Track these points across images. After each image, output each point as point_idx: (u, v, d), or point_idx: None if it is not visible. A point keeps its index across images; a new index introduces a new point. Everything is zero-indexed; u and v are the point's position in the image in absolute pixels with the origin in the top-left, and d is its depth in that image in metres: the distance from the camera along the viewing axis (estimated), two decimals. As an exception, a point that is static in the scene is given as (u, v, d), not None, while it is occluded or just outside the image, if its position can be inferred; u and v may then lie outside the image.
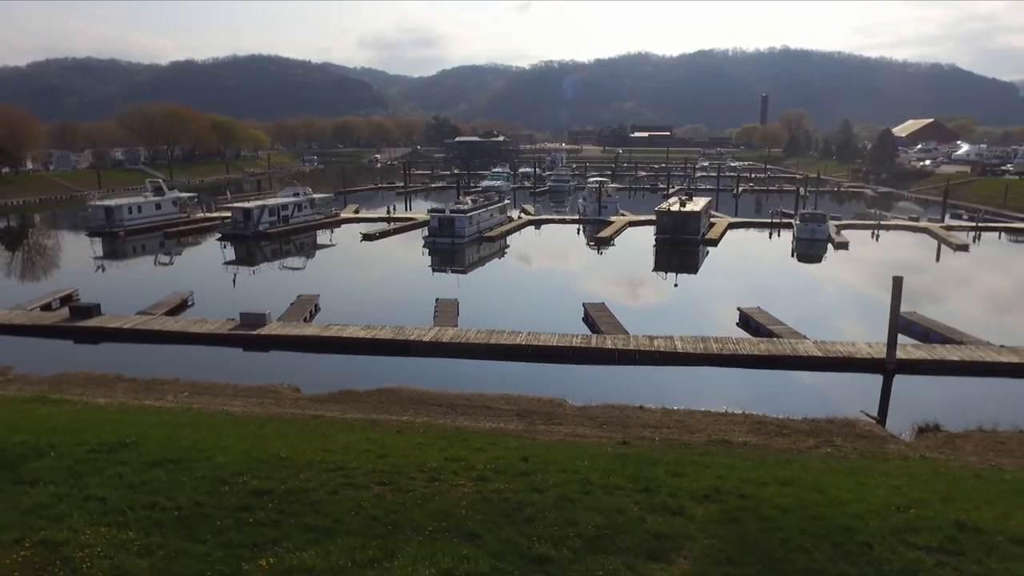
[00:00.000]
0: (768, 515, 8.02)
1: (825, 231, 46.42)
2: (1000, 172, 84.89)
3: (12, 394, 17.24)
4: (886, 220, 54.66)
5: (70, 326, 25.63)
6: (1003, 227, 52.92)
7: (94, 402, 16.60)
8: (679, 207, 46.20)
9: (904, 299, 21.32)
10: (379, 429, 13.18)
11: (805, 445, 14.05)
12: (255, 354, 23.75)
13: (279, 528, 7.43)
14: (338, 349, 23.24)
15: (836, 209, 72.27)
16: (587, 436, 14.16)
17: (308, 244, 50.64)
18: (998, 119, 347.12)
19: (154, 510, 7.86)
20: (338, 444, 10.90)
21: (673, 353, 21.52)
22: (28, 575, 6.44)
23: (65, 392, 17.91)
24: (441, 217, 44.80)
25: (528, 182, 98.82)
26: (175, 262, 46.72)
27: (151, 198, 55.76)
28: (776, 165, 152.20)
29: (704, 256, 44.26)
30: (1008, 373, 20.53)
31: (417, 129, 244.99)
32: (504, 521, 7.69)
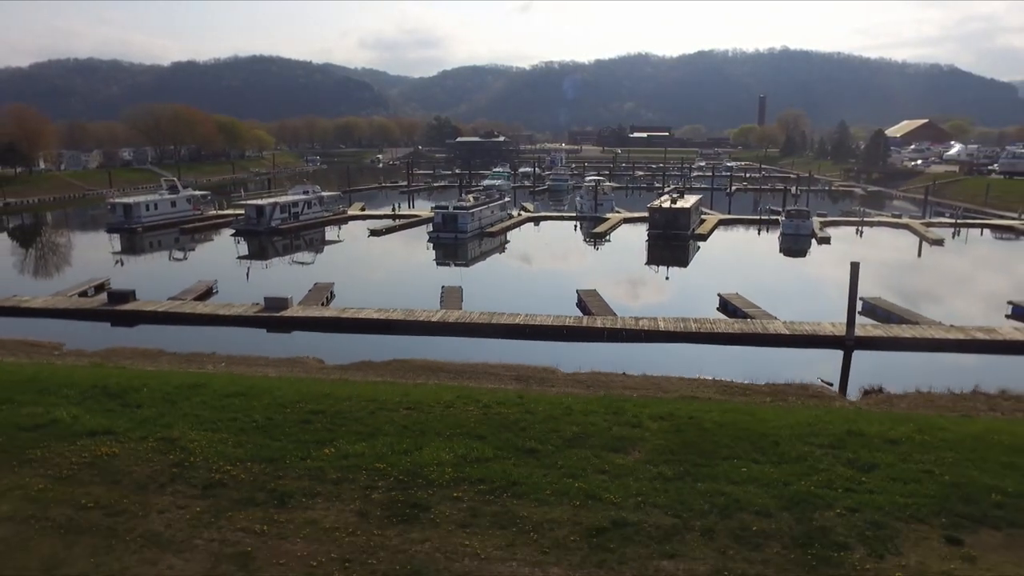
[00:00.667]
0: (707, 427, 10.45)
1: (809, 227, 48.86)
2: (987, 171, 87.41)
3: (73, 362, 19.72)
4: (870, 217, 57.16)
5: (108, 310, 28.09)
6: (982, 224, 55.43)
7: (146, 369, 19.08)
8: (670, 204, 48.67)
9: (876, 287, 23.72)
10: (399, 384, 15.68)
11: (762, 401, 16.51)
12: (279, 334, 26.21)
13: (333, 433, 9.84)
14: (354, 329, 25.71)
15: (826, 207, 74.81)
16: (574, 394, 16.62)
17: (317, 239, 53.11)
18: (997, 119, 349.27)
19: (236, 422, 10.28)
20: (368, 389, 13.35)
21: (656, 331, 24.00)
22: (159, 456, 8.85)
23: (117, 363, 20.38)
24: (445, 213, 47.30)
25: (528, 181, 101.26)
26: (192, 256, 49.18)
27: (167, 196, 58.23)
28: (772, 165, 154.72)
29: (695, 250, 46.73)
30: (953, 349, 22.99)
31: (418, 129, 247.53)
32: (503, 429, 10.12)
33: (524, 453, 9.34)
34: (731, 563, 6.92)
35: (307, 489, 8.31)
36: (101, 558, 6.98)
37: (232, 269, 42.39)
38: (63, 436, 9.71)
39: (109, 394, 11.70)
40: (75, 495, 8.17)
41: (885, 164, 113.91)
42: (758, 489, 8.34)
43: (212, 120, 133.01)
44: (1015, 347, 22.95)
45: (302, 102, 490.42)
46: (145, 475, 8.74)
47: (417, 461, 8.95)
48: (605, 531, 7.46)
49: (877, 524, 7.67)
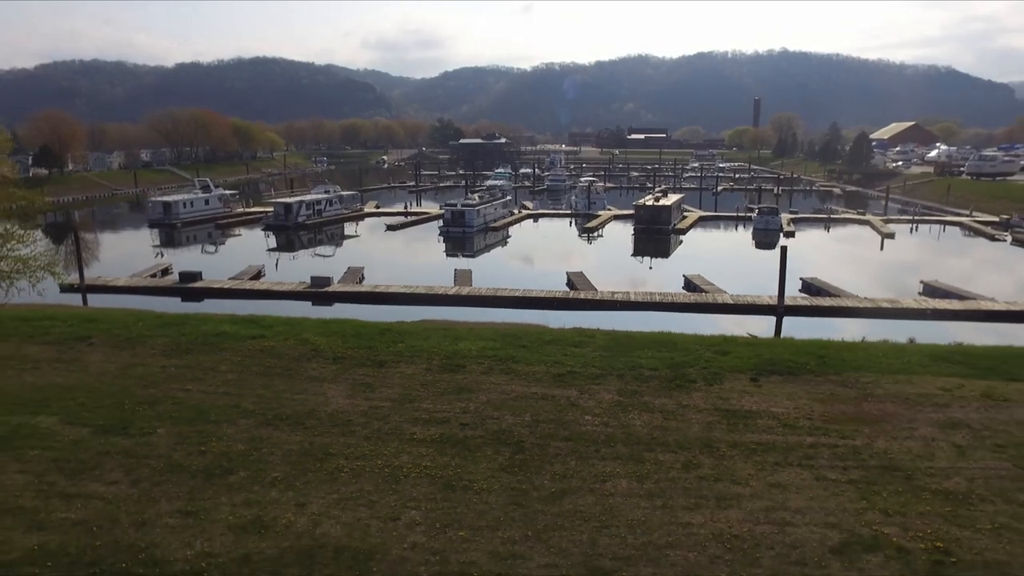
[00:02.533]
0: (636, 338, 16.43)
1: (777, 222, 54.84)
2: (958, 173, 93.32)
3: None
4: (836, 214, 63.21)
5: (181, 287, 34.13)
6: (936, 220, 61.48)
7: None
8: (654, 202, 54.73)
9: (818, 269, 29.57)
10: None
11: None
12: (323, 306, 32.24)
13: (403, 337, 15.83)
14: (385, 301, 31.72)
15: (807, 204, 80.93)
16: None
17: (338, 234, 59.19)
18: (994, 120, 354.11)
19: (338, 334, 16.26)
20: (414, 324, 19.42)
21: (627, 302, 30.05)
22: (300, 347, 14.86)
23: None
24: (453, 211, 53.40)
25: (528, 181, 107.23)
26: (228, 248, 55.26)
27: (201, 195, 64.35)
28: (763, 166, 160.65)
29: (676, 243, 52.77)
30: (863, 315, 29.01)
31: (422, 131, 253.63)
32: (507, 337, 16.14)
33: (518, 347, 15.33)
34: (629, 387, 12.91)
35: (394, 360, 14.26)
36: (289, 384, 12.99)
37: (268, 258, 48.51)
38: (237, 338, 15.73)
39: (248, 321, 17.70)
40: (260, 362, 14.17)
41: (868, 165, 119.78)
42: (655, 361, 14.29)
43: (227, 123, 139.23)
44: (910, 313, 28.97)
45: (305, 103, 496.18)
46: (296, 355, 14.68)
47: (455, 350, 14.93)
48: (563, 375, 13.42)
49: (716, 374, 13.61)
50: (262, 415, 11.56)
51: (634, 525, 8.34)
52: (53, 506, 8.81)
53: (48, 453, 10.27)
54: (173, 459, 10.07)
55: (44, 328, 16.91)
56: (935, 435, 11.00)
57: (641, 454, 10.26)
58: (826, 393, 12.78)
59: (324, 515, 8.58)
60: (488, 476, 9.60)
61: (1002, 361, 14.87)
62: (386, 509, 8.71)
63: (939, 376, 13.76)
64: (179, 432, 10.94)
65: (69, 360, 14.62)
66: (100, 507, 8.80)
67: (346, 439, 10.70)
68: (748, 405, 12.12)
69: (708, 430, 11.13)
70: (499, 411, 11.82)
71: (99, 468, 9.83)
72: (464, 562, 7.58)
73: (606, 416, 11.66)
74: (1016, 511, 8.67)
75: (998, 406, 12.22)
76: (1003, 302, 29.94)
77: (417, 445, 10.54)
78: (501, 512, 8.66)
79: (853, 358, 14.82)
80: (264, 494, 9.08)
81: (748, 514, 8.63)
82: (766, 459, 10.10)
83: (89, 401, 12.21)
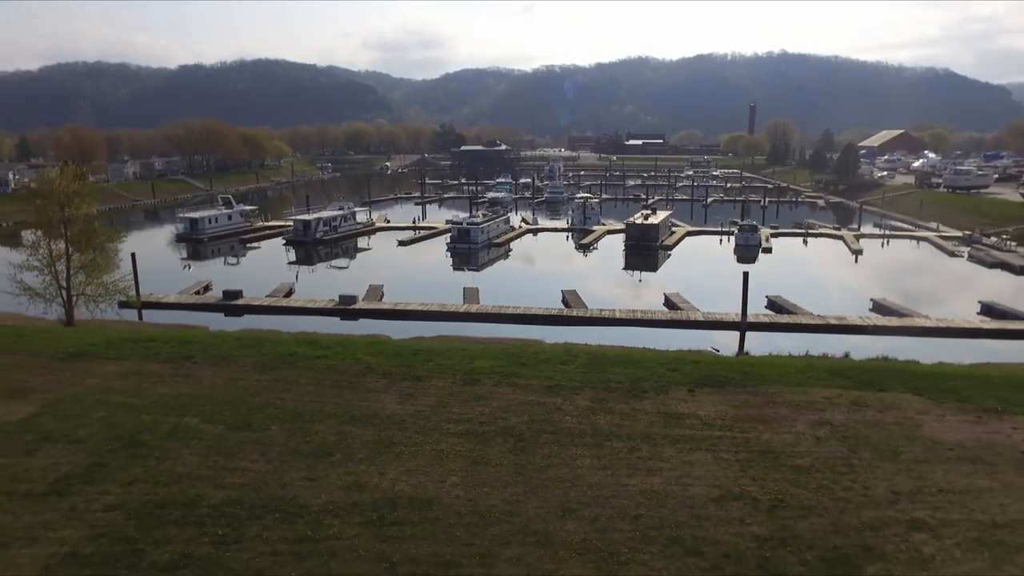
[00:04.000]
0: (609, 356, 21.44)
1: (757, 239, 59.88)
2: (936, 185, 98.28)
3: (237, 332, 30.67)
4: (814, 228, 68.27)
5: (224, 304, 39.11)
6: (905, 235, 66.52)
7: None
8: (643, 220, 59.78)
9: (787, 285, 34.56)
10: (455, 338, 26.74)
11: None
12: (349, 321, 37.22)
13: (431, 356, 20.82)
14: (405, 318, 36.70)
15: (794, 216, 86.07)
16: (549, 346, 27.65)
17: (352, 248, 64.28)
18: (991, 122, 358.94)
19: (382, 354, 21.32)
20: (438, 342, 24.41)
21: (613, 319, 35.06)
22: (355, 365, 19.93)
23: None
24: (460, 229, 58.48)
25: (528, 192, 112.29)
26: (254, 262, 60.28)
27: (224, 211, 69.41)
28: (756, 174, 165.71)
29: (663, 258, 57.84)
30: (814, 330, 33.99)
31: (424, 137, 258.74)
32: (510, 356, 21.15)
33: (519, 365, 20.29)
34: (599, 396, 17.89)
35: (428, 375, 19.23)
36: (355, 394, 17.98)
37: (289, 271, 53.54)
38: (306, 358, 20.74)
39: (310, 342, 22.71)
40: (329, 378, 19.14)
41: (854, 176, 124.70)
42: (621, 376, 19.24)
43: (237, 132, 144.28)
44: (854, 329, 33.96)
45: (308, 105, 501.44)
46: (354, 371, 19.63)
47: (472, 367, 19.88)
48: (552, 387, 18.37)
49: (663, 387, 18.55)
50: (341, 417, 16.51)
51: (592, 486, 13.30)
52: (222, 475, 13.74)
53: (204, 443, 15.17)
54: (289, 446, 14.99)
55: (153, 349, 21.87)
56: (805, 431, 15.90)
57: (601, 442, 15.18)
58: (740, 401, 17.69)
59: (397, 479, 13.54)
60: (499, 456, 14.56)
61: (880, 376, 19.78)
62: (436, 476, 13.68)
63: (828, 387, 18.69)
64: (287, 428, 15.88)
65: (185, 375, 19.57)
66: (252, 476, 13.74)
67: (403, 433, 15.65)
68: (682, 409, 17.05)
69: (650, 427, 16.05)
70: (506, 414, 16.77)
71: (241, 452, 14.75)
72: (487, 505, 12.55)
73: (580, 417, 16.59)
74: (835, 477, 13.61)
75: (859, 410, 17.12)
76: (935, 319, 34.95)
77: (451, 437, 15.49)
78: (508, 478, 13.63)
79: (769, 373, 19.79)
80: (356, 468, 14.03)
81: (665, 479, 13.57)
82: (685, 446, 15.01)
83: (215, 406, 17.15)
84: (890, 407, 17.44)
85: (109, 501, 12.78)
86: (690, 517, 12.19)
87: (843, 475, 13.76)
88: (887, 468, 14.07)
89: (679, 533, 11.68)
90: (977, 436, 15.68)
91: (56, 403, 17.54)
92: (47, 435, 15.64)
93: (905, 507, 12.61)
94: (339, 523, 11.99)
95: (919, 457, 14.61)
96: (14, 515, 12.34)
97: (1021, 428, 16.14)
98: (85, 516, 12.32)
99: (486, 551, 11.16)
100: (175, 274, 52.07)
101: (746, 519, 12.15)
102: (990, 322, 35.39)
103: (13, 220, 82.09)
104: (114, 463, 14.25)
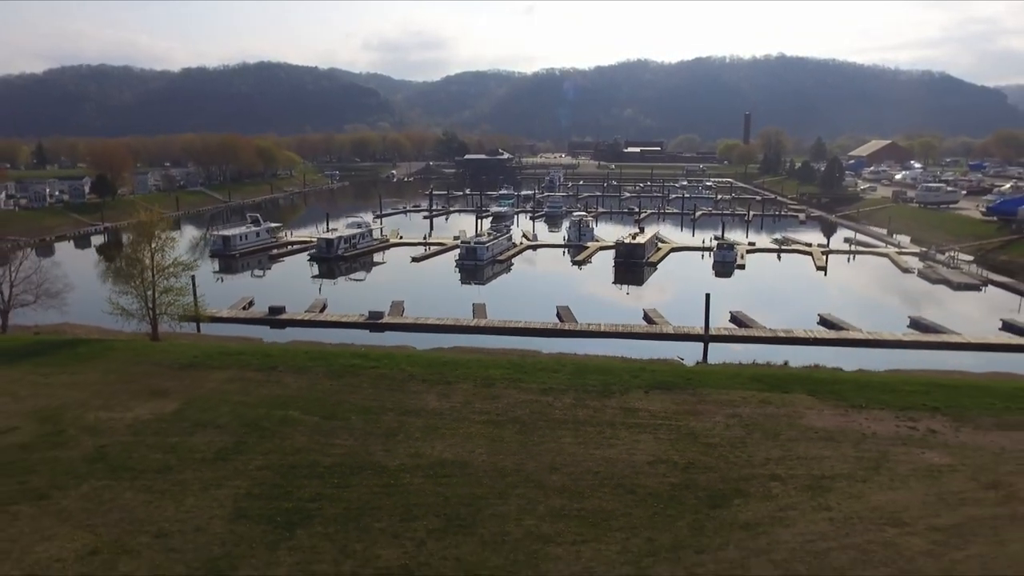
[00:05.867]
0: (589, 365, 28.46)
1: (733, 256, 66.94)
2: (910, 200, 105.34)
3: (305, 347, 37.73)
4: (787, 245, 75.36)
5: (269, 319, 46.09)
6: (868, 251, 73.60)
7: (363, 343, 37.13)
8: (631, 239, 66.89)
9: (748, 302, 41.70)
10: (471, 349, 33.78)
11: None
12: (377, 333, 44.27)
13: (457, 366, 27.80)
14: (425, 330, 43.74)
15: (770, 228, 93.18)
16: (544, 359, 34.72)
17: (369, 263, 71.36)
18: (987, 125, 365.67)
19: (423, 363, 28.34)
20: (462, 352, 31.43)
21: (599, 332, 42.11)
22: (400, 372, 26.90)
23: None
24: (467, 247, 65.60)
25: (530, 204, 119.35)
26: (283, 275, 67.29)
27: (252, 228, 76.51)
28: (748, 184, 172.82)
29: (649, 273, 64.91)
30: (766, 342, 41.01)
31: (428, 144, 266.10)
32: (513, 366, 28.18)
33: (522, 372, 27.30)
34: (579, 396, 24.92)
35: (456, 381, 26.26)
36: (404, 396, 25.02)
37: (312, 284, 60.62)
38: (363, 368, 27.83)
39: (362, 355, 29.74)
40: (383, 383, 26.19)
41: (839, 187, 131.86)
42: (596, 381, 26.20)
43: (252, 145, 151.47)
44: (799, 341, 40.98)
45: (310, 108, 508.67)
46: (401, 378, 26.61)
47: (488, 375, 26.93)
48: (546, 389, 25.34)
49: (627, 389, 25.52)
50: (397, 411, 23.54)
51: (570, 455, 20.31)
52: (326, 448, 20.75)
53: (307, 428, 22.14)
54: (366, 430, 22.01)
55: (244, 360, 28.91)
56: (720, 420, 22.84)
57: (578, 428, 22.18)
58: (680, 399, 24.66)
59: (443, 450, 20.56)
60: (509, 436, 21.60)
61: (787, 381, 26.76)
62: (467, 448, 20.72)
63: (746, 390, 25.65)
64: (363, 419, 22.90)
65: (275, 381, 26.59)
66: (346, 448, 20.74)
67: (442, 421, 22.67)
68: (637, 406, 24.02)
69: (613, 417, 23.03)
70: (513, 408, 23.79)
71: (335, 434, 21.74)
72: (502, 465, 19.59)
73: (565, 410, 23.60)
74: (730, 450, 20.56)
75: (763, 406, 24.08)
76: (867, 332, 41.99)
77: (476, 424, 22.52)
78: (515, 448, 20.67)
79: (706, 379, 26.79)
80: (414, 443, 21.06)
81: (619, 451, 20.57)
82: (635, 430, 21.98)
83: (306, 404, 24.16)
84: (786, 404, 24.53)
85: (258, 463, 19.89)
86: (631, 472, 19.29)
87: (736, 448, 20.84)
88: (767, 444, 21.17)
89: (623, 481, 18.77)
90: (838, 424, 22.77)
91: (192, 401, 24.66)
92: (196, 423, 22.74)
93: (771, 468, 19.68)
94: (408, 476, 19.09)
95: (792, 437, 21.70)
96: (201, 472, 19.44)
97: (872, 419, 23.21)
98: (245, 473, 19.40)
99: (502, 491, 18.24)
100: (209, 287, 58.93)
101: (667, 474, 19.24)
102: (914, 335, 42.43)
103: (55, 234, 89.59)
104: (250, 441, 21.35)
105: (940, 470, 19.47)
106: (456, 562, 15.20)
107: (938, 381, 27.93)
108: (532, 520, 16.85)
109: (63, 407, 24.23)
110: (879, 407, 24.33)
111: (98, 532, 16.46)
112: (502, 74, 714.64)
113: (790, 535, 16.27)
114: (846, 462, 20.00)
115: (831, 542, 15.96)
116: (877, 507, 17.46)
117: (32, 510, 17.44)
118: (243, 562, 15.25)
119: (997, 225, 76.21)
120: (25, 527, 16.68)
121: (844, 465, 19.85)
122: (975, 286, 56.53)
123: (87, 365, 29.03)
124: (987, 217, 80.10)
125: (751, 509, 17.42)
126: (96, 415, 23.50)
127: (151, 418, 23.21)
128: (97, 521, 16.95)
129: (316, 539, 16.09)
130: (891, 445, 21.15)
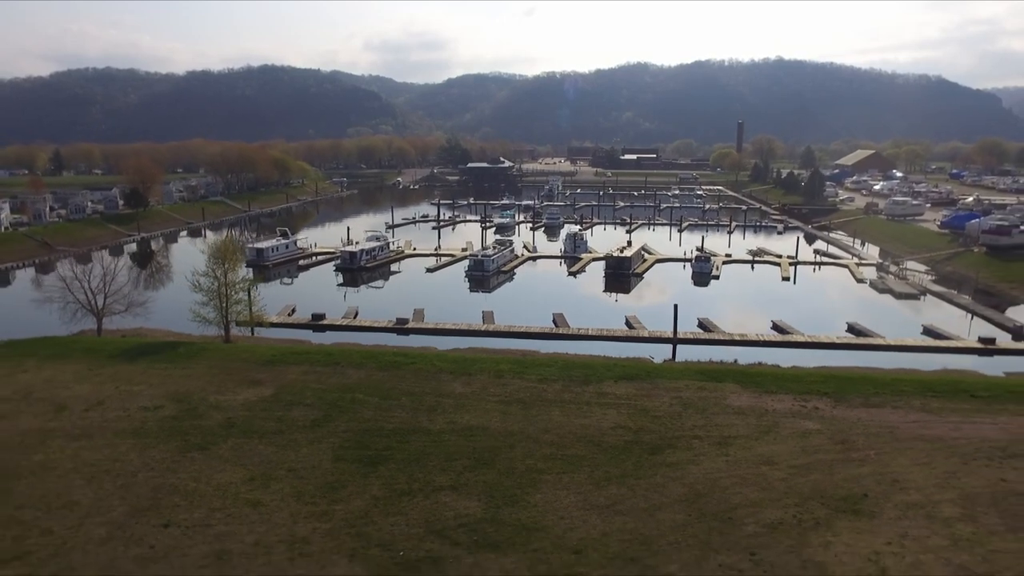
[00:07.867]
0: (573, 362, 37.43)
1: (710, 267, 75.91)
2: (880, 212, 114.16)
3: (357, 347, 46.83)
4: (760, 256, 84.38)
5: (313, 324, 55.06)
6: (831, 262, 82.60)
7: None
8: (620, 252, 75.99)
9: (715, 310, 50.71)
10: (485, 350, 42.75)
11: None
12: (404, 336, 53.27)
13: (475, 360, 36.71)
14: (443, 334, 52.73)
15: (751, 239, 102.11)
16: (541, 358, 43.76)
17: (387, 272, 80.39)
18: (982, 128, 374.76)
19: (459, 360, 37.27)
20: (479, 353, 40.43)
21: (587, 335, 51.15)
22: (433, 368, 35.82)
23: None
24: (475, 260, 74.79)
25: (528, 215, 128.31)
26: (312, 284, 76.26)
27: (282, 241, 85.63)
28: (737, 192, 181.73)
29: (636, 283, 73.94)
30: (726, 344, 49.94)
31: (432, 150, 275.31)
32: (517, 363, 37.16)
33: (524, 367, 36.14)
34: (565, 384, 33.92)
35: (476, 373, 35.17)
36: (438, 384, 34.01)
37: (337, 292, 69.64)
38: (404, 365, 36.81)
39: (402, 354, 38.77)
40: (422, 375, 35.21)
41: (819, 198, 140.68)
42: (578, 375, 35.16)
43: (268, 156, 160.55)
44: (754, 343, 49.95)
45: (313, 111, 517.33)
46: (434, 371, 35.55)
47: (498, 369, 35.86)
48: (542, 379, 34.32)
49: (601, 380, 34.44)
50: (434, 395, 32.49)
51: (558, 424, 29.19)
52: (387, 418, 29.69)
53: (370, 406, 31.05)
54: (413, 407, 30.88)
55: (311, 358, 37.92)
56: (666, 401, 31.76)
57: (564, 406, 31.06)
58: (639, 387, 33.58)
59: (470, 420, 29.45)
60: (515, 411, 30.55)
61: (723, 374, 35.68)
62: (486, 419, 29.63)
63: (690, 380, 34.56)
64: (410, 400, 31.86)
65: (340, 373, 35.56)
66: (401, 419, 29.66)
67: (467, 402, 31.62)
68: (608, 391, 32.93)
69: (589, 399, 31.90)
70: (518, 393, 32.78)
71: (392, 411, 30.63)
72: (510, 429, 28.52)
73: (555, 394, 32.56)
74: (670, 420, 29.40)
75: (699, 391, 32.99)
76: (807, 335, 50.98)
77: (491, 403, 31.50)
78: (519, 418, 29.62)
79: (661, 373, 35.72)
80: (449, 415, 30.00)
81: (591, 421, 29.44)
82: (604, 408, 30.87)
83: (367, 390, 33.14)
84: (718, 391, 33.58)
85: (343, 429, 28.95)
86: (598, 434, 28.34)
87: (675, 419, 29.90)
88: (696, 417, 30.22)
89: (592, 439, 27.80)
90: (750, 404, 31.82)
91: (282, 387, 33.74)
92: (290, 403, 31.81)
93: (696, 432, 28.71)
94: (447, 435, 28.14)
95: (716, 412, 30.74)
96: (305, 434, 28.47)
97: (776, 400, 32.25)
98: (335, 434, 28.45)
99: (510, 444, 27.30)
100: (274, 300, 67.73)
101: (623, 435, 28.29)
102: (848, 338, 51.39)
103: (98, 244, 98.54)
104: (334, 414, 30.42)
105: (810, 432, 28.54)
106: (483, 483, 24.28)
107: (835, 374, 36.97)
108: (531, 461, 25.94)
109: (189, 392, 33.30)
110: (785, 392, 33.37)
111: (249, 468, 25.53)
112: (503, 77, 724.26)
113: (698, 470, 25.33)
114: (748, 428, 29.06)
115: (723, 474, 25.02)
116: (760, 455, 26.52)
117: (201, 456, 26.52)
118: (349, 483, 24.32)
119: (949, 238, 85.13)
120: (203, 465, 25.75)
121: (746, 430, 28.91)
122: (915, 295, 65.43)
123: (192, 361, 38.11)
124: (942, 230, 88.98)
125: (676, 456, 26.48)
126: (215, 397, 32.58)
127: (256, 400, 32.28)
128: (246, 462, 26.03)
129: (392, 471, 25.18)
130: (783, 418, 30.23)
